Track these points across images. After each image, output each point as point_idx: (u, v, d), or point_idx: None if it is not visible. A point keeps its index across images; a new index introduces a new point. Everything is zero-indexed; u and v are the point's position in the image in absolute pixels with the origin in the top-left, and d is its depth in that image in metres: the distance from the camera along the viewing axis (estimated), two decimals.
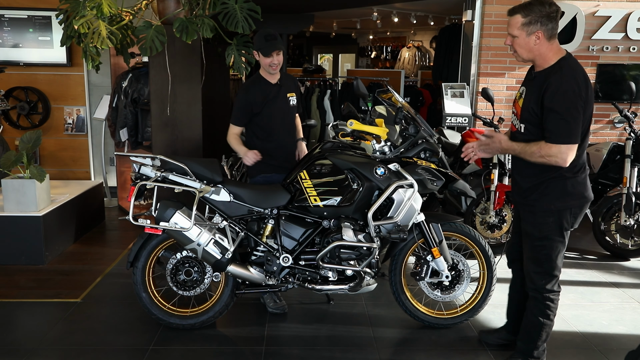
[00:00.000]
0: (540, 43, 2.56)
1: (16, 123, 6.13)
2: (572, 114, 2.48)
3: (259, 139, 3.60)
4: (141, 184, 2.99)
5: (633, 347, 2.82)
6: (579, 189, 2.63)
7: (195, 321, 3.25)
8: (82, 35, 4.36)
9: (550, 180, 2.62)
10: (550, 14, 2.53)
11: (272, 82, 3.58)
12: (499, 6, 5.86)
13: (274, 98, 3.57)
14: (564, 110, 2.47)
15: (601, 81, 6.02)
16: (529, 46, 2.58)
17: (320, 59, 17.00)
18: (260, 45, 3.44)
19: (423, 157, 3.20)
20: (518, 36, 2.58)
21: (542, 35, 2.54)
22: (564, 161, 2.51)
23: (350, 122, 3.13)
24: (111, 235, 5.19)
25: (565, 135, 2.49)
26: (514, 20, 2.58)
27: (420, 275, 3.26)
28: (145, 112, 5.35)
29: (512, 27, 2.59)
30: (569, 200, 2.63)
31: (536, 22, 2.52)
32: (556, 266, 2.73)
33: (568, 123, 2.48)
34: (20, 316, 3.45)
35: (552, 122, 2.50)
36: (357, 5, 8.57)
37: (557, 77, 2.51)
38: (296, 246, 3.21)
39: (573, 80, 2.49)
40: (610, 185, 5.01)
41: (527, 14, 2.53)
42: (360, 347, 3.14)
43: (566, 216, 2.65)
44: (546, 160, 2.54)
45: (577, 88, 2.48)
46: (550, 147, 2.51)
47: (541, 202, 2.66)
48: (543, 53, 2.59)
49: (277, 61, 3.47)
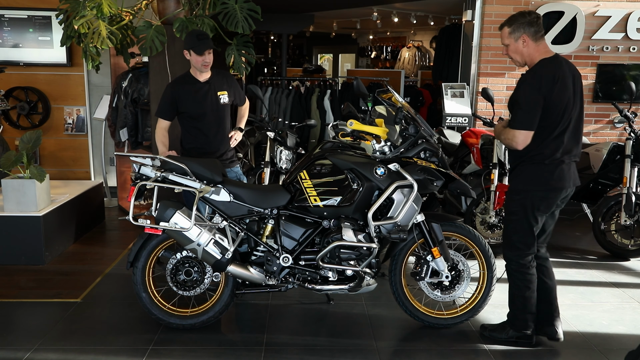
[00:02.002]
0: (527, 45, 2.92)
1: (16, 123, 6.14)
2: (528, 105, 2.84)
3: (191, 135, 3.84)
4: (141, 184, 2.99)
5: (633, 347, 2.81)
6: (545, 177, 2.93)
7: (195, 321, 3.25)
8: (82, 35, 4.37)
9: (521, 164, 3.00)
10: (531, 20, 2.91)
11: (200, 80, 3.79)
12: (499, 6, 5.87)
13: (203, 96, 3.77)
14: (522, 100, 2.87)
15: (601, 81, 6.02)
16: (520, 50, 2.95)
17: (320, 59, 16.99)
18: (193, 44, 3.64)
19: (423, 157, 3.20)
20: (509, 44, 2.98)
21: (527, 38, 2.92)
22: (517, 144, 2.89)
23: (350, 122, 3.13)
24: (111, 235, 5.19)
25: (519, 122, 2.88)
26: (503, 33, 3.00)
27: (420, 275, 3.26)
28: (145, 112, 5.35)
29: (503, 38, 3.00)
30: (533, 185, 2.96)
31: (520, 28, 2.91)
32: (522, 241, 3.03)
33: (523, 112, 2.86)
34: (20, 316, 3.46)
35: (513, 110, 2.94)
36: (357, 5, 8.57)
37: (526, 74, 2.93)
38: (296, 246, 3.21)
39: (537, 76, 2.85)
40: (610, 185, 5.01)
41: (512, 24, 2.94)
42: (360, 347, 3.14)
43: (530, 198, 2.97)
44: (507, 143, 2.97)
45: (537, 84, 2.84)
46: (509, 132, 2.92)
47: (513, 182, 3.07)
48: (531, 54, 2.94)
49: (208, 60, 3.69)
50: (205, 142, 3.86)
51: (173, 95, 3.76)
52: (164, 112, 3.79)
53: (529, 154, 2.93)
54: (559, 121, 2.88)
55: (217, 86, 3.86)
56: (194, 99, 3.77)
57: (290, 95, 6.67)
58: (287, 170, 4.80)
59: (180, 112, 3.80)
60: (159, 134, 3.81)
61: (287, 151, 4.85)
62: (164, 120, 3.81)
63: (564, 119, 2.88)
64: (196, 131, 3.84)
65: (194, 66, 3.77)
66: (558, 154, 2.91)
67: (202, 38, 3.67)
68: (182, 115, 3.82)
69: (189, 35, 3.77)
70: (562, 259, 4.67)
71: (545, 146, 2.89)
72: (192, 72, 3.81)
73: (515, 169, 3.06)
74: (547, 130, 2.88)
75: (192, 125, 3.84)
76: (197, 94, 3.78)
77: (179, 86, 3.78)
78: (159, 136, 3.81)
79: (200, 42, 3.64)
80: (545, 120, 2.86)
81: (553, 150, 2.91)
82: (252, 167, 5.48)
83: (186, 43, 3.71)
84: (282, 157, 4.83)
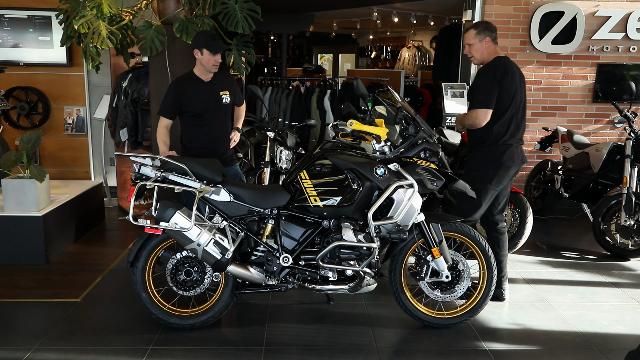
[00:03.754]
0: (489, 46, 3.55)
1: (16, 123, 6.14)
2: (486, 86, 3.44)
3: (193, 134, 3.87)
4: (141, 184, 2.99)
5: (633, 347, 2.81)
6: (496, 157, 3.51)
7: (195, 321, 3.25)
8: (82, 35, 4.37)
9: (478, 146, 3.58)
10: (492, 28, 3.59)
11: (204, 81, 3.82)
12: (499, 6, 5.87)
13: (207, 96, 3.82)
14: (481, 85, 3.48)
15: (601, 81, 6.02)
16: (482, 49, 3.57)
17: (320, 59, 16.99)
18: (208, 42, 3.66)
19: (423, 157, 3.21)
20: (474, 44, 3.58)
21: (489, 40, 3.55)
22: (480, 122, 3.44)
23: (350, 122, 3.13)
24: (111, 235, 5.19)
25: (481, 102, 3.44)
26: (470, 34, 3.59)
27: (420, 275, 3.26)
28: (145, 112, 5.35)
29: (469, 39, 3.59)
30: (487, 163, 3.53)
31: (484, 32, 3.55)
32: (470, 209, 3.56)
33: (483, 92, 3.44)
34: (20, 316, 3.45)
35: (475, 95, 3.51)
36: (357, 5, 8.57)
37: (483, 67, 3.57)
38: (296, 246, 3.21)
39: (493, 68, 3.48)
40: (610, 185, 5.01)
41: (478, 28, 3.58)
42: (360, 347, 3.14)
43: (484, 174, 3.53)
44: (470, 123, 3.49)
45: (493, 73, 3.45)
46: (472, 112, 3.48)
47: (471, 161, 3.64)
48: (490, 53, 3.57)
49: (219, 60, 3.76)
50: (208, 140, 3.88)
51: (177, 94, 3.76)
52: (167, 111, 3.80)
53: (483, 137, 3.52)
54: (508, 106, 3.48)
55: (219, 86, 3.88)
56: (199, 98, 3.79)
57: (290, 95, 6.67)
58: (287, 170, 4.80)
59: (184, 111, 3.81)
60: (160, 132, 3.82)
61: (287, 151, 4.85)
62: (166, 119, 3.81)
63: (512, 105, 3.48)
64: (199, 130, 3.86)
65: (203, 65, 3.76)
66: (507, 137, 3.51)
67: (217, 38, 3.71)
68: (184, 114, 3.83)
69: (202, 34, 3.77)
70: (562, 259, 4.67)
71: (498, 127, 3.48)
72: (197, 72, 3.83)
73: (472, 150, 3.62)
74: (498, 113, 3.46)
75: (194, 124, 3.85)
76: (201, 93, 3.80)
77: (183, 85, 3.79)
78: (161, 135, 3.82)
79: (216, 42, 3.67)
80: (498, 104, 3.45)
81: (503, 133, 3.49)
82: (252, 167, 5.47)
83: (199, 42, 3.69)
84: (282, 157, 4.84)
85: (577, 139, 5.45)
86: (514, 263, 4.49)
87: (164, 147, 3.80)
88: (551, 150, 5.88)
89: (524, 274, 4.29)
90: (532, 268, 4.43)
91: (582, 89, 6.07)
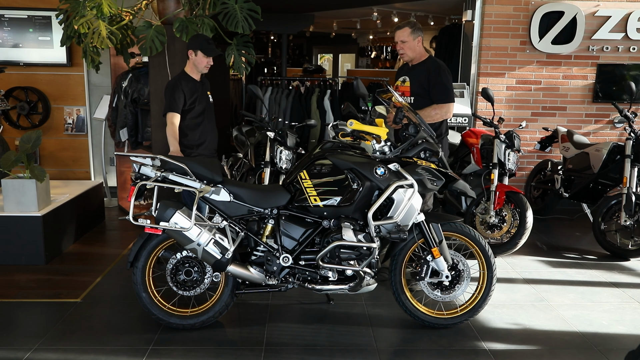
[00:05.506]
0: (420, 45, 3.90)
1: (16, 123, 6.14)
2: (451, 84, 3.90)
3: (191, 132, 4.07)
4: (141, 184, 2.99)
5: (633, 347, 2.81)
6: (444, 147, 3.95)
7: (195, 321, 3.25)
8: (82, 35, 4.37)
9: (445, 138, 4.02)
10: (420, 27, 3.90)
11: (197, 80, 4.07)
12: (499, 6, 5.87)
13: (201, 94, 4.08)
14: (446, 81, 3.87)
15: (601, 81, 6.02)
16: (415, 47, 3.90)
17: (320, 59, 16.99)
18: (203, 45, 3.91)
19: (423, 157, 3.20)
20: (408, 41, 3.87)
21: (420, 40, 3.92)
22: (450, 114, 3.93)
23: (350, 122, 3.13)
24: (111, 235, 5.19)
25: (452, 96, 3.90)
26: (404, 32, 3.87)
27: (420, 275, 3.26)
28: (145, 112, 5.35)
29: (403, 36, 3.87)
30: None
31: (417, 31, 3.88)
32: None
33: (450, 90, 3.89)
34: (20, 316, 3.45)
35: (441, 90, 3.87)
36: (357, 5, 8.57)
37: (437, 64, 3.91)
38: (296, 246, 3.21)
39: (444, 67, 3.90)
40: (610, 185, 5.01)
41: (412, 27, 3.87)
42: (360, 347, 3.14)
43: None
44: (440, 117, 3.88)
45: (448, 70, 3.90)
46: (442, 107, 3.88)
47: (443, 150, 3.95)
48: (421, 51, 3.95)
49: (212, 63, 4.01)
50: (204, 137, 4.13)
51: (182, 90, 3.94)
52: (178, 107, 3.94)
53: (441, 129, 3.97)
54: None
55: (206, 86, 4.18)
56: (196, 96, 4.02)
57: (290, 95, 6.67)
58: (287, 170, 4.80)
59: (184, 109, 3.98)
60: (172, 130, 3.95)
61: (287, 151, 4.85)
62: (177, 116, 3.95)
63: None
64: (196, 127, 4.08)
65: (195, 66, 3.99)
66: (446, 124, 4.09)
67: (210, 42, 3.95)
68: (183, 111, 4.00)
69: (197, 37, 4.00)
70: (562, 259, 4.67)
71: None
72: (189, 71, 4.04)
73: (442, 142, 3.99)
74: None
75: (192, 122, 4.06)
76: (197, 91, 4.04)
77: (183, 83, 3.97)
78: (173, 132, 3.95)
79: (211, 46, 3.92)
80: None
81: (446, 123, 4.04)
82: (252, 167, 5.47)
83: (194, 44, 3.93)
84: (282, 157, 4.83)
85: (577, 139, 5.45)
86: (514, 263, 4.50)
87: (177, 143, 3.95)
88: (551, 150, 5.88)
89: (524, 274, 4.29)
90: (532, 268, 4.43)
91: (582, 89, 6.07)
